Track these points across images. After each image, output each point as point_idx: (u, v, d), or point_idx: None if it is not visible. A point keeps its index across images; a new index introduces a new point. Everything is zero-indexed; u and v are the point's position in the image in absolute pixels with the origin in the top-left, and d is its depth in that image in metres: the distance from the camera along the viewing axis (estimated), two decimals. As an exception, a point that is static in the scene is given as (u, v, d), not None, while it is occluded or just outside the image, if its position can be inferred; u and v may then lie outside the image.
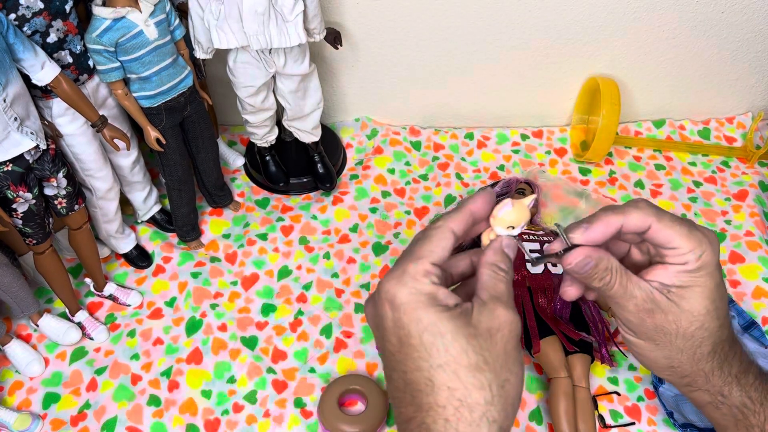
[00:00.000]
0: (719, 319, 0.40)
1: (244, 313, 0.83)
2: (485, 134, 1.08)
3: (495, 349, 0.36)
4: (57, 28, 0.65)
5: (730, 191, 0.99)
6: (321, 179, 0.95)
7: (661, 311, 0.39)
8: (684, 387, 0.42)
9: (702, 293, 0.39)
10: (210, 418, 0.73)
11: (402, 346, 0.37)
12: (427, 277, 0.37)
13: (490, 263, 0.39)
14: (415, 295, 0.37)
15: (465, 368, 0.35)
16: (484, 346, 0.35)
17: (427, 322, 0.36)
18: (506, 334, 0.36)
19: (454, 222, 0.40)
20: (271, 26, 0.74)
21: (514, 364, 0.36)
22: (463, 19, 0.94)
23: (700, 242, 0.40)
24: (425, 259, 0.38)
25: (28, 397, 0.75)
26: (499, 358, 0.36)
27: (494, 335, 0.36)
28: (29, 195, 0.67)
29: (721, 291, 0.40)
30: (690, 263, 0.39)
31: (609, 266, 0.40)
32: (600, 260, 0.40)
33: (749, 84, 1.06)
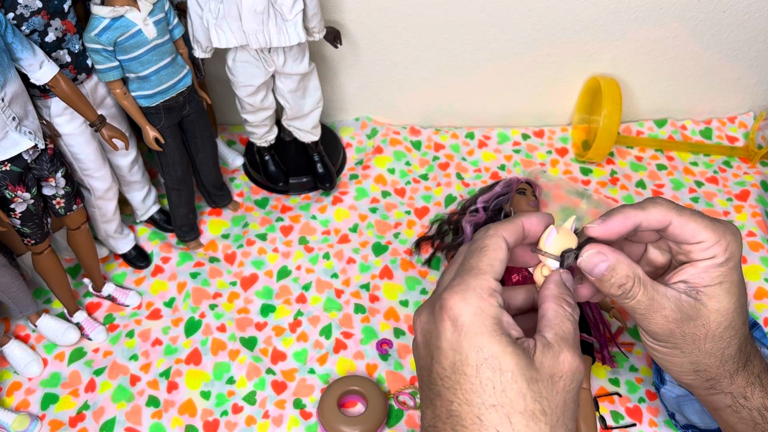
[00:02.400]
0: (743, 315, 0.39)
1: (244, 314, 0.83)
2: (486, 134, 1.07)
3: (555, 399, 0.32)
4: (55, 27, 0.65)
5: (732, 191, 0.98)
6: (321, 179, 0.95)
7: (690, 319, 0.37)
8: (705, 390, 0.40)
9: (729, 289, 0.38)
10: (209, 419, 0.73)
11: (455, 373, 0.33)
12: (494, 297, 0.34)
13: (554, 296, 0.35)
14: (480, 318, 0.33)
15: (520, 414, 0.31)
16: (544, 394, 0.32)
17: (488, 353, 0.32)
18: (568, 384, 0.32)
19: (507, 232, 0.36)
20: (270, 25, 0.74)
21: (571, 419, 0.32)
22: (464, 18, 0.94)
23: (724, 233, 0.38)
24: (488, 274, 0.34)
25: (26, 397, 0.75)
26: (557, 410, 0.32)
27: (557, 383, 0.32)
28: (27, 195, 0.67)
29: (744, 287, 0.39)
30: (718, 256, 0.37)
31: (630, 273, 0.37)
32: (619, 263, 0.36)
33: (751, 83, 1.06)
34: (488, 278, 0.34)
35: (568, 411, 0.32)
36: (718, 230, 0.38)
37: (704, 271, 0.38)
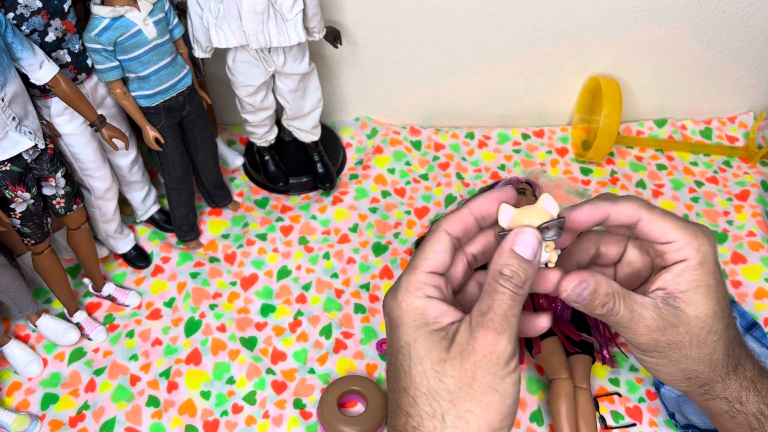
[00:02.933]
0: (725, 320, 0.38)
1: (244, 314, 0.83)
2: (486, 134, 1.07)
3: (462, 377, 0.33)
4: (55, 27, 0.65)
5: (732, 191, 0.98)
6: (321, 179, 0.95)
7: (672, 326, 0.37)
8: (701, 396, 0.40)
9: (707, 294, 0.38)
10: (209, 419, 0.73)
11: (388, 364, 0.36)
12: (420, 290, 0.35)
13: (494, 270, 0.35)
14: (405, 311, 0.35)
15: (423, 395, 0.33)
16: (450, 372, 0.33)
17: (404, 341, 0.34)
18: (479, 360, 0.33)
19: (449, 222, 0.37)
20: (270, 25, 0.74)
21: (484, 393, 0.33)
22: (464, 18, 0.94)
23: (696, 235, 0.38)
24: (418, 269, 0.36)
25: (26, 397, 0.75)
26: (463, 386, 0.33)
27: (466, 360, 0.33)
28: (27, 195, 0.67)
29: (723, 290, 0.39)
30: (691, 258, 0.37)
31: (610, 291, 0.37)
32: (599, 284, 0.37)
33: (751, 83, 1.06)
34: (418, 272, 0.36)
35: (479, 387, 0.33)
36: (690, 231, 0.38)
37: (679, 275, 0.38)
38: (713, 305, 0.38)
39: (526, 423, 0.72)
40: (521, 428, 0.72)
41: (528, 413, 0.73)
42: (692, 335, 0.38)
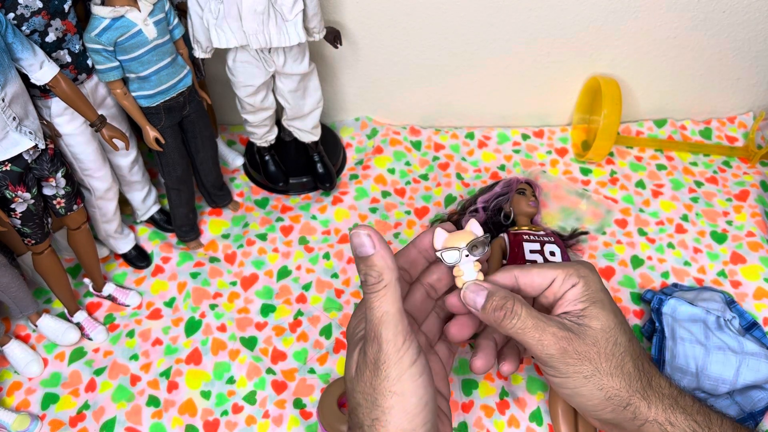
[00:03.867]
0: (626, 333, 0.40)
1: (244, 314, 0.83)
2: (486, 134, 1.07)
3: (365, 389, 0.36)
4: (56, 28, 0.65)
5: (731, 191, 0.98)
6: (321, 179, 0.95)
7: (578, 337, 0.39)
8: (631, 423, 0.40)
9: (603, 307, 0.40)
10: (209, 418, 0.73)
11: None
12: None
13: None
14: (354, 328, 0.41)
15: (351, 411, 0.37)
16: (357, 388, 0.36)
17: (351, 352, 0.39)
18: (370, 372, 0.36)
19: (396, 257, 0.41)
20: (270, 25, 0.74)
21: (385, 398, 0.35)
22: (464, 18, 0.94)
23: (572, 266, 0.41)
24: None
25: (26, 397, 0.75)
26: (368, 397, 0.36)
27: (362, 374, 0.36)
28: (28, 195, 0.67)
29: (616, 306, 0.41)
30: (577, 285, 0.40)
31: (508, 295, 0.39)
32: (496, 289, 0.40)
33: (751, 83, 1.06)
34: None
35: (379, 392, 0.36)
36: (566, 265, 0.41)
37: (573, 298, 0.40)
38: (612, 317, 0.40)
39: (526, 423, 0.72)
40: (521, 428, 0.72)
41: (528, 413, 0.73)
42: (599, 347, 0.39)
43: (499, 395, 0.74)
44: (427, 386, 0.37)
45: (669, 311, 0.77)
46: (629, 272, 0.87)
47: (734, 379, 0.71)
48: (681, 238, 0.92)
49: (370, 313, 0.36)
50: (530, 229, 0.82)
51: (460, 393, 0.74)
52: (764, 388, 0.72)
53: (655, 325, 0.78)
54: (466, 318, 0.43)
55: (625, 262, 0.89)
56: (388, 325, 0.36)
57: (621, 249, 0.90)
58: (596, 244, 0.91)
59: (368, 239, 0.37)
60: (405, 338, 0.36)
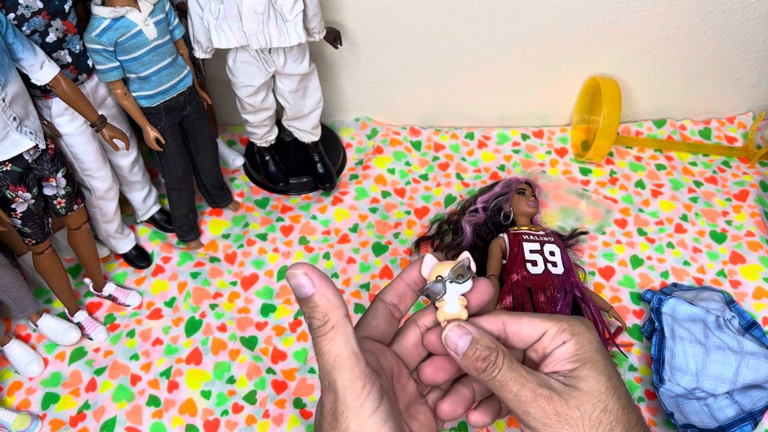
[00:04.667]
0: (621, 400, 0.36)
1: (244, 314, 0.83)
2: (486, 134, 1.07)
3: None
4: (56, 28, 0.65)
5: (731, 191, 0.99)
6: (321, 179, 0.95)
7: (560, 397, 0.36)
8: None
9: (596, 368, 0.36)
10: (209, 418, 0.73)
11: None
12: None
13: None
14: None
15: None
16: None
17: None
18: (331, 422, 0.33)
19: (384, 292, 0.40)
20: (270, 26, 0.74)
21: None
22: (464, 18, 0.94)
23: (567, 320, 0.37)
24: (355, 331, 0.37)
25: (27, 397, 0.75)
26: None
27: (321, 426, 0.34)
28: (28, 195, 0.67)
29: (614, 370, 0.37)
30: (568, 343, 0.37)
31: (493, 345, 0.36)
32: (481, 336, 0.36)
33: (750, 84, 1.06)
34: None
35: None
36: (560, 319, 0.37)
37: (563, 357, 0.37)
38: (605, 381, 0.36)
39: (526, 422, 0.72)
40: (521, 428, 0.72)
41: (527, 413, 0.73)
42: (584, 412, 0.36)
43: (499, 395, 0.74)
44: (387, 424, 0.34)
45: (669, 311, 0.77)
46: (629, 272, 0.88)
47: (734, 378, 0.71)
48: (680, 237, 0.92)
49: (321, 360, 0.33)
50: (530, 229, 0.82)
51: (460, 393, 0.74)
52: (764, 388, 0.72)
53: (654, 325, 0.78)
54: (444, 361, 0.40)
55: (624, 261, 0.89)
56: (342, 370, 0.33)
57: (621, 249, 0.90)
58: (596, 244, 0.91)
59: (306, 278, 0.34)
60: (364, 382, 0.33)
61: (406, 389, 0.39)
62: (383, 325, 0.39)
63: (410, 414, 0.39)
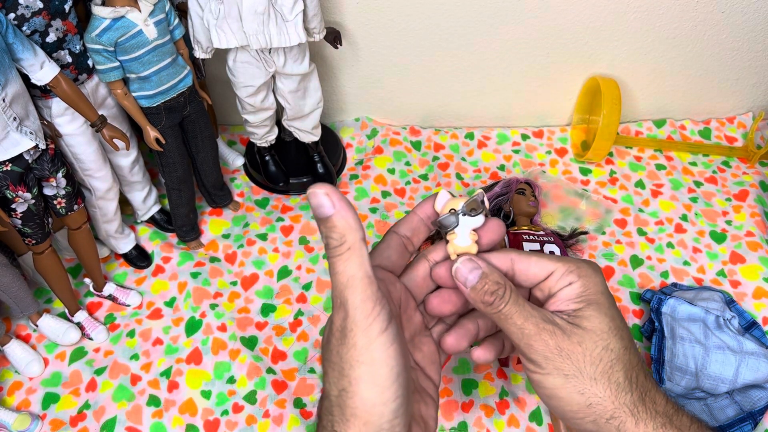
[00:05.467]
0: (623, 340, 0.37)
1: (244, 314, 0.83)
2: (486, 134, 1.08)
3: (332, 358, 0.34)
4: (56, 28, 0.65)
5: (730, 191, 0.99)
6: (321, 179, 0.95)
7: (563, 333, 0.37)
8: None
9: (599, 309, 0.37)
10: (210, 418, 0.73)
11: None
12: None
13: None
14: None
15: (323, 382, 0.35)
16: (326, 357, 0.34)
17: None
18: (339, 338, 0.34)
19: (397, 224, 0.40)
20: (270, 26, 0.74)
21: (353, 368, 0.33)
22: (464, 18, 0.94)
23: (575, 263, 0.38)
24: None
25: (27, 397, 0.75)
26: (335, 366, 0.34)
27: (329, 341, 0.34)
28: (28, 195, 0.67)
29: (617, 312, 0.38)
30: (574, 284, 0.38)
31: (501, 281, 0.37)
32: (491, 271, 0.37)
33: (750, 84, 1.06)
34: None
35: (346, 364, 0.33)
36: (568, 260, 0.38)
37: (567, 297, 0.38)
38: (608, 321, 0.37)
39: (526, 422, 0.72)
40: (521, 428, 0.72)
41: (527, 413, 0.73)
42: (585, 348, 0.36)
43: (499, 395, 0.74)
44: (399, 357, 0.34)
45: (668, 311, 0.77)
46: (629, 272, 0.88)
47: (734, 378, 0.71)
48: (680, 237, 0.92)
49: (335, 279, 0.34)
50: (530, 229, 0.82)
51: (460, 393, 0.74)
52: (764, 387, 0.72)
53: (654, 325, 0.78)
54: (451, 293, 0.40)
55: (624, 261, 0.89)
56: (355, 290, 0.33)
57: (620, 249, 0.90)
58: (596, 244, 0.91)
59: (326, 199, 0.34)
60: (374, 304, 0.34)
61: (412, 320, 0.40)
62: (395, 256, 0.39)
63: (414, 344, 0.40)
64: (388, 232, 0.40)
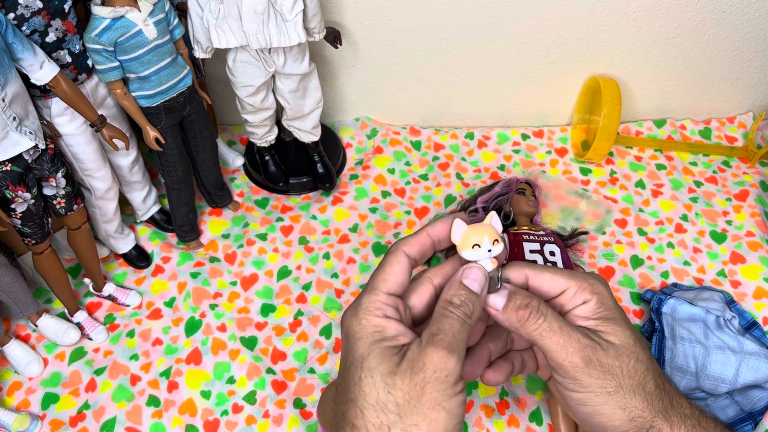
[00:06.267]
0: (646, 350, 0.38)
1: (244, 314, 0.83)
2: (486, 134, 1.07)
3: (411, 391, 0.33)
4: (56, 28, 0.65)
5: (731, 191, 0.99)
6: (321, 179, 0.95)
7: (602, 349, 0.37)
8: None
9: (619, 324, 0.38)
10: (209, 418, 0.73)
11: (339, 377, 0.37)
12: (380, 310, 0.37)
13: (444, 299, 0.37)
14: (364, 327, 0.36)
15: (372, 406, 0.34)
16: (399, 385, 0.34)
17: (359, 354, 0.35)
18: (428, 375, 0.34)
19: (408, 245, 0.39)
20: (270, 25, 0.74)
21: (431, 409, 0.33)
22: (463, 18, 0.94)
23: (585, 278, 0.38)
24: (379, 290, 0.38)
25: (27, 397, 0.75)
26: (411, 401, 0.33)
27: (415, 375, 0.34)
28: (28, 195, 0.67)
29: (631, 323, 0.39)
30: (589, 302, 0.38)
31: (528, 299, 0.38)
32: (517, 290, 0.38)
33: (750, 83, 1.06)
34: (379, 293, 0.37)
35: (427, 402, 0.33)
36: (578, 277, 0.38)
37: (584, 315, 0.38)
38: (629, 334, 0.38)
39: (526, 423, 0.72)
40: (521, 428, 0.72)
41: (528, 413, 0.73)
42: (622, 362, 0.37)
43: (499, 395, 0.74)
44: (463, 414, 0.35)
45: (669, 311, 0.77)
46: (629, 272, 0.88)
47: (734, 378, 0.71)
48: (681, 237, 0.92)
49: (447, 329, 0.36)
50: (530, 229, 0.82)
51: (460, 393, 0.74)
52: (764, 388, 0.72)
53: (654, 325, 0.78)
54: (502, 362, 0.41)
55: (624, 261, 0.89)
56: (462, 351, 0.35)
57: (621, 249, 0.90)
58: (596, 244, 0.91)
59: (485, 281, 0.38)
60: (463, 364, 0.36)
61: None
62: (405, 280, 0.39)
63: None
64: (399, 251, 0.39)
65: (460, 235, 0.38)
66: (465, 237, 0.38)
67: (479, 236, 0.37)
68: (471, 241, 0.37)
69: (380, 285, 0.38)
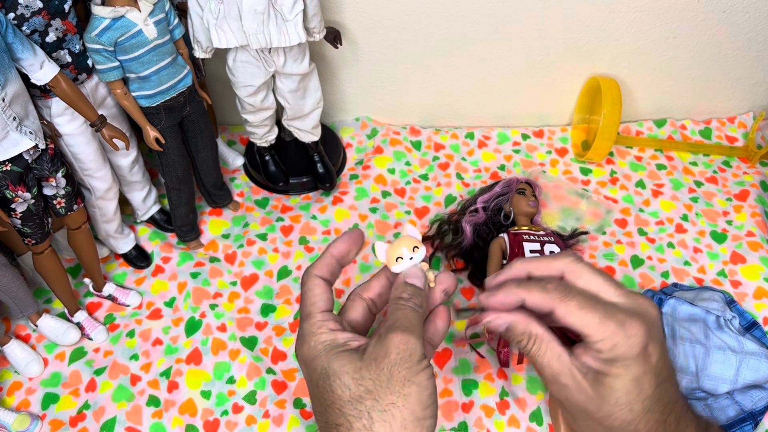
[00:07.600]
0: (645, 401, 0.37)
1: (244, 314, 0.83)
2: (486, 134, 1.07)
3: (380, 376, 0.36)
4: (56, 28, 0.65)
5: (731, 191, 0.98)
6: (321, 179, 0.95)
7: (579, 390, 0.38)
8: None
9: (621, 382, 0.37)
10: (209, 418, 0.73)
11: (312, 397, 0.39)
12: (323, 327, 0.40)
13: (393, 298, 0.41)
14: (315, 346, 0.39)
15: (347, 402, 0.36)
16: (367, 376, 0.36)
17: (320, 368, 0.38)
18: (393, 358, 0.36)
19: (317, 268, 0.42)
20: (270, 25, 0.74)
21: (402, 385, 0.36)
22: (464, 18, 0.94)
23: (614, 332, 0.36)
24: (312, 314, 0.40)
25: (27, 397, 0.75)
26: (382, 384, 0.36)
27: (380, 362, 0.36)
28: (28, 195, 0.67)
29: (648, 378, 0.37)
30: (603, 353, 0.37)
31: (526, 331, 0.39)
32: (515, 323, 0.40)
33: (751, 83, 1.06)
34: (315, 315, 0.40)
35: (397, 381, 0.36)
36: (607, 328, 0.36)
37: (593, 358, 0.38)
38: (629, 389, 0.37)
39: (526, 423, 0.72)
40: (521, 428, 0.72)
41: (528, 413, 0.73)
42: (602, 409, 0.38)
43: (499, 395, 0.74)
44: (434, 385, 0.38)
45: (669, 311, 0.77)
46: (629, 272, 0.87)
47: (734, 378, 0.71)
48: (681, 237, 0.92)
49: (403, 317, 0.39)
50: (530, 229, 0.82)
51: (460, 393, 0.74)
52: (764, 388, 0.72)
53: (655, 325, 0.78)
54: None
55: (625, 262, 0.89)
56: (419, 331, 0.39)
57: (621, 249, 0.90)
58: (596, 244, 0.91)
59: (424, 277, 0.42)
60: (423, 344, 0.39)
61: None
62: (327, 296, 0.42)
63: None
64: (309, 275, 0.43)
65: (383, 254, 0.42)
66: (389, 255, 0.42)
67: (398, 249, 0.41)
68: (395, 255, 0.42)
69: (311, 309, 0.41)
